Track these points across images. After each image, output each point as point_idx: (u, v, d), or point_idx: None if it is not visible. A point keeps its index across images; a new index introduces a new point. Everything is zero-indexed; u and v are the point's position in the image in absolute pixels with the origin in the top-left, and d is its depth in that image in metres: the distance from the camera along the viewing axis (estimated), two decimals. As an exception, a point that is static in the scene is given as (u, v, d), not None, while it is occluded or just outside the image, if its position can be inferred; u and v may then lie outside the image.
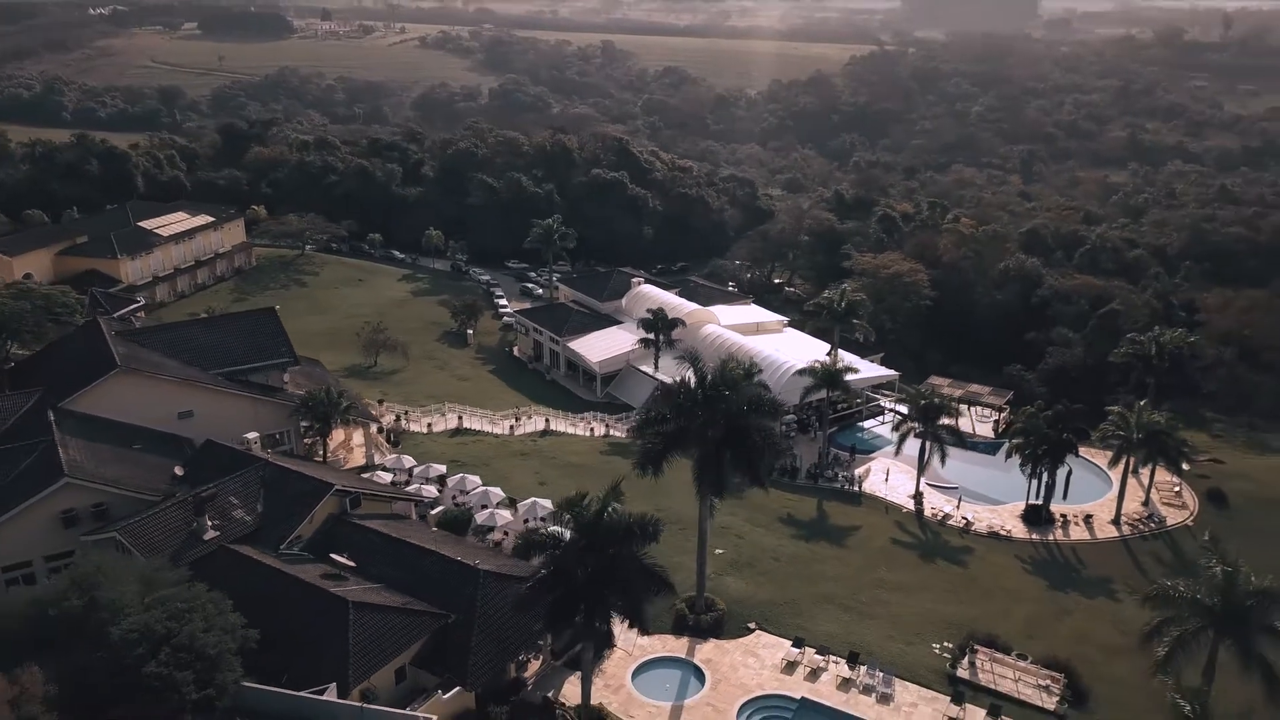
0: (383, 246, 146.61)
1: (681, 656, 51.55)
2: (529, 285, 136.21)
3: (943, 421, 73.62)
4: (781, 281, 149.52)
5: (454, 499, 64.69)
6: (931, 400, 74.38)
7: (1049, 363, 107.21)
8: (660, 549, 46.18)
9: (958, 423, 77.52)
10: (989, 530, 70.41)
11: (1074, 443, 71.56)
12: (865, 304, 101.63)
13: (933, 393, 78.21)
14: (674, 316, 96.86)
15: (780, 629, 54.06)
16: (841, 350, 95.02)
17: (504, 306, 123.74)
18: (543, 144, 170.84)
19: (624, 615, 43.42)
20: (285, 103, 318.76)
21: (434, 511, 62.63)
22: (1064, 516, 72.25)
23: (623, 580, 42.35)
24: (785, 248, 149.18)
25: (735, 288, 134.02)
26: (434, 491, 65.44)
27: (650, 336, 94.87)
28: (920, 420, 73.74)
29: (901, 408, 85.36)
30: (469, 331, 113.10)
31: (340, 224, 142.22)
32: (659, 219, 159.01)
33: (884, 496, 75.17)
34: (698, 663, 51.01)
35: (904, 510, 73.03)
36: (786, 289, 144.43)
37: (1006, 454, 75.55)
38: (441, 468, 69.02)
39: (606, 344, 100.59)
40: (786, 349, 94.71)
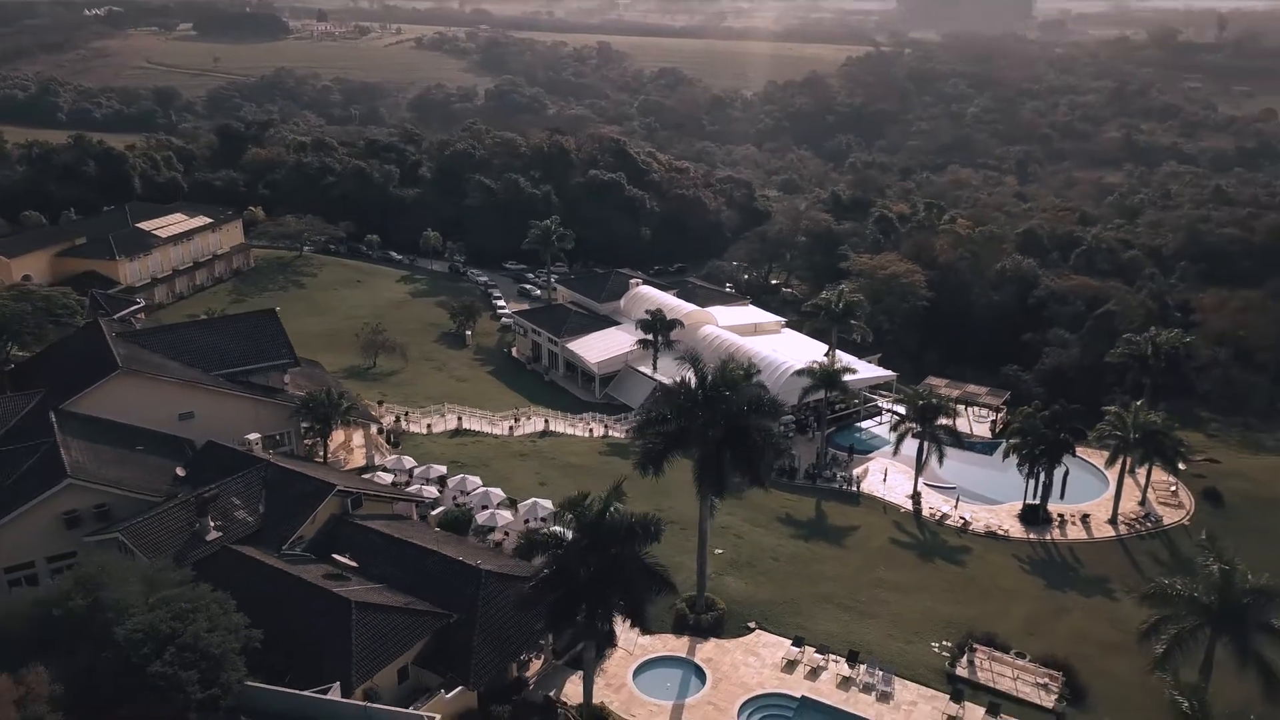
0: (380, 248, 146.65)
1: (682, 656, 51.80)
2: (527, 286, 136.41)
3: (940, 422, 73.89)
4: (779, 282, 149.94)
5: (454, 500, 64.87)
6: (929, 400, 74.77)
7: (1045, 363, 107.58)
8: (660, 549, 46.41)
9: (955, 423, 77.74)
10: (987, 530, 70.74)
11: (1071, 443, 71.97)
12: (863, 305, 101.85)
13: (930, 393, 78.61)
14: (672, 317, 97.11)
15: (780, 628, 54.34)
16: (839, 351, 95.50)
17: (502, 308, 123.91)
18: (540, 145, 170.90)
19: (626, 615, 43.69)
20: (281, 104, 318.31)
21: (435, 512, 62.84)
22: (1061, 516, 72.61)
23: (625, 580, 42.64)
24: (782, 249, 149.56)
25: (733, 289, 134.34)
26: (434, 492, 65.64)
27: (649, 337, 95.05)
28: (918, 420, 74.14)
29: (899, 408, 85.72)
30: (467, 333, 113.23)
31: (338, 225, 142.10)
32: (656, 220, 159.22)
33: (882, 496, 75.49)
34: (698, 662, 51.26)
35: (902, 510, 73.37)
36: (784, 290, 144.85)
37: (1004, 454, 75.76)
38: (442, 468, 69.20)
39: (605, 345, 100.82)
40: (784, 350, 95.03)
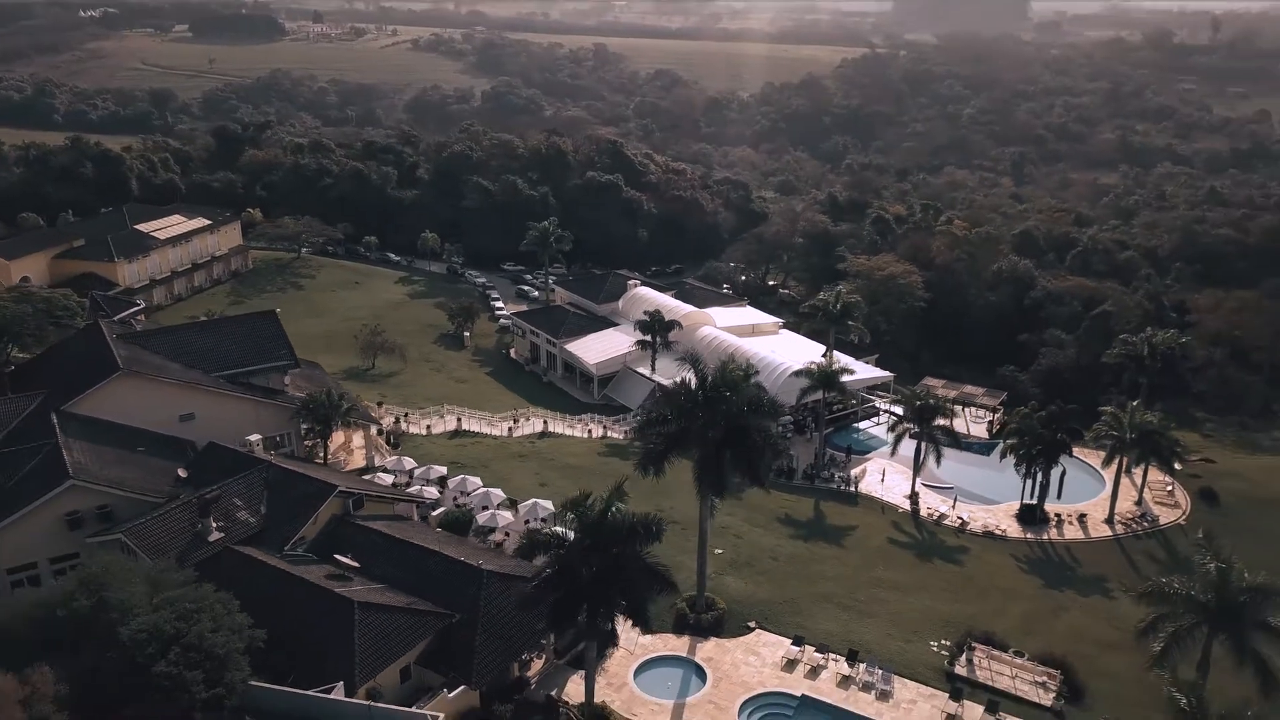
0: (378, 249, 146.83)
1: (683, 655, 52.02)
2: (525, 288, 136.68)
3: (938, 422, 74.25)
4: (776, 283, 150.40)
5: (455, 500, 65.05)
6: (927, 401, 75.14)
7: (1042, 364, 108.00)
8: (661, 548, 46.60)
9: (952, 423, 78.10)
10: (984, 530, 71.14)
11: (1068, 443, 72.38)
12: (860, 306, 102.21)
13: (928, 393, 78.97)
14: (670, 318, 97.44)
15: (780, 627, 54.60)
16: (837, 352, 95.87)
17: (500, 309, 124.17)
18: (538, 147, 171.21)
19: (628, 614, 43.94)
20: (277, 105, 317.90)
21: (435, 513, 62.98)
22: (1058, 516, 73.02)
23: (627, 579, 42.88)
24: (779, 250, 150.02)
25: (730, 290, 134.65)
26: (435, 493, 65.80)
27: (647, 338, 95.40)
28: (916, 421, 74.52)
29: (897, 409, 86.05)
30: (466, 334, 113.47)
31: (336, 227, 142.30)
32: (654, 221, 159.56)
33: (880, 497, 75.84)
34: (699, 661, 51.49)
35: (900, 510, 73.72)
36: (781, 291, 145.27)
37: (1001, 454, 76.28)
38: (442, 469, 69.36)
39: (603, 346, 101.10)
40: (782, 351, 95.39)
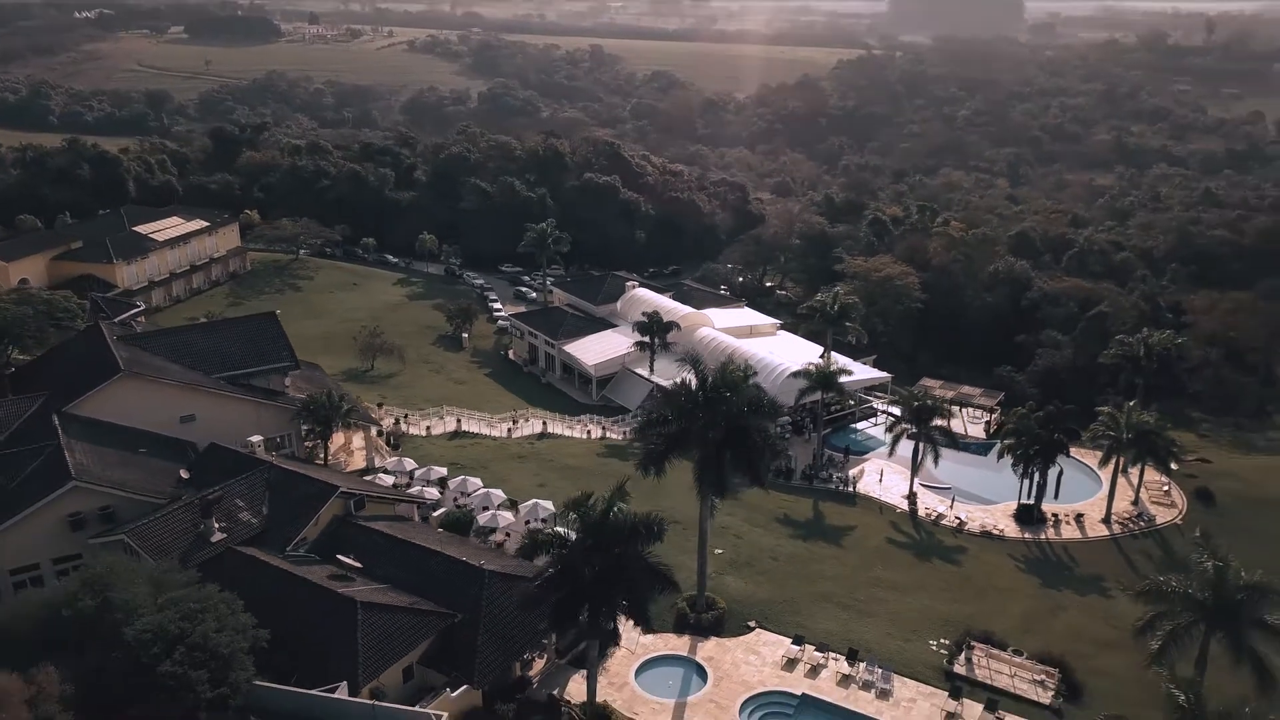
0: (376, 251, 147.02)
1: (684, 654, 52.27)
2: (523, 289, 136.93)
3: (936, 423, 74.55)
4: (773, 285, 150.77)
5: (455, 501, 65.26)
6: (924, 402, 75.46)
7: (1039, 364, 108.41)
8: (661, 548, 46.78)
9: (950, 424, 78.40)
10: (982, 530, 71.48)
11: (1065, 443, 72.79)
12: (858, 307, 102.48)
13: (925, 394, 79.32)
14: (669, 320, 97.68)
15: (780, 627, 54.87)
16: (834, 353, 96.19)
17: (498, 310, 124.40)
18: (535, 148, 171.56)
19: (629, 614, 44.19)
20: (273, 106, 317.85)
21: (436, 513, 63.19)
22: (1055, 516, 73.40)
23: (628, 579, 43.14)
24: (776, 251, 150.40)
25: (727, 291, 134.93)
26: (435, 494, 66.00)
27: (646, 339, 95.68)
28: (914, 421, 74.83)
29: (894, 409, 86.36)
30: (464, 335, 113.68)
31: (334, 228, 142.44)
32: (651, 223, 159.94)
33: (878, 497, 76.15)
34: (700, 660, 51.74)
35: (898, 510, 74.06)
36: (778, 292, 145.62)
37: (998, 454, 76.68)
38: (442, 470, 69.59)
39: (601, 347, 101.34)
40: (780, 351, 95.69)
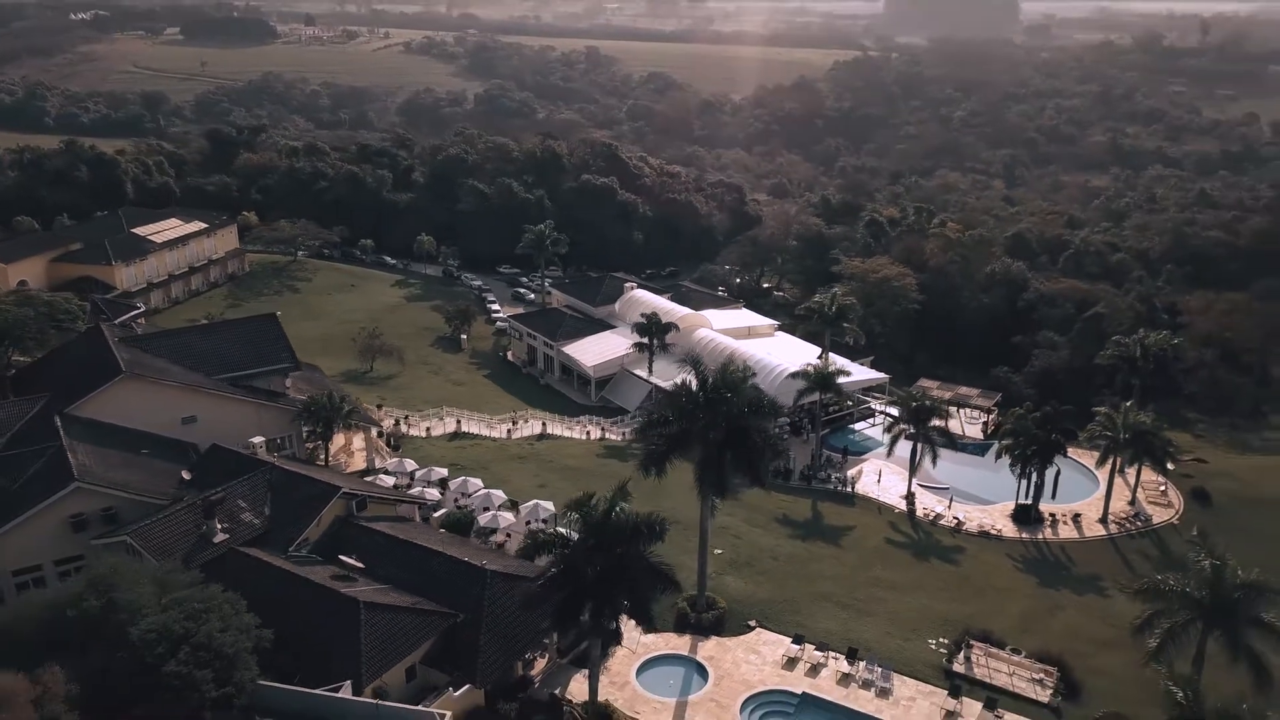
0: (374, 252, 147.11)
1: (684, 654, 52.55)
2: (521, 290, 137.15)
3: (933, 423, 74.86)
4: (770, 286, 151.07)
5: (456, 502, 65.47)
6: (922, 402, 75.80)
7: (1035, 365, 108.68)
8: (661, 548, 47.05)
9: (948, 424, 78.68)
10: (980, 529, 71.82)
11: (1062, 443, 73.08)
12: (855, 308, 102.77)
13: (923, 395, 79.64)
14: (667, 321, 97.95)
15: (780, 626, 55.17)
16: (832, 354, 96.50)
17: (497, 312, 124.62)
18: (533, 150, 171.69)
19: (631, 613, 44.47)
20: (269, 108, 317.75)
21: (437, 514, 63.43)
22: (1053, 516, 73.76)
23: (631, 579, 43.42)
24: (773, 252, 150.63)
25: (725, 292, 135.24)
26: (436, 494, 66.23)
27: (644, 340, 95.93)
28: (911, 422, 75.15)
29: (892, 410, 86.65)
30: (463, 336, 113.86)
31: (331, 230, 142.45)
32: (649, 224, 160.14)
33: (876, 497, 76.50)
34: (700, 660, 52.03)
35: (896, 510, 74.40)
36: (775, 293, 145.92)
37: (996, 455, 77.04)
38: (443, 471, 69.82)
39: (600, 348, 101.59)
40: (778, 352, 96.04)
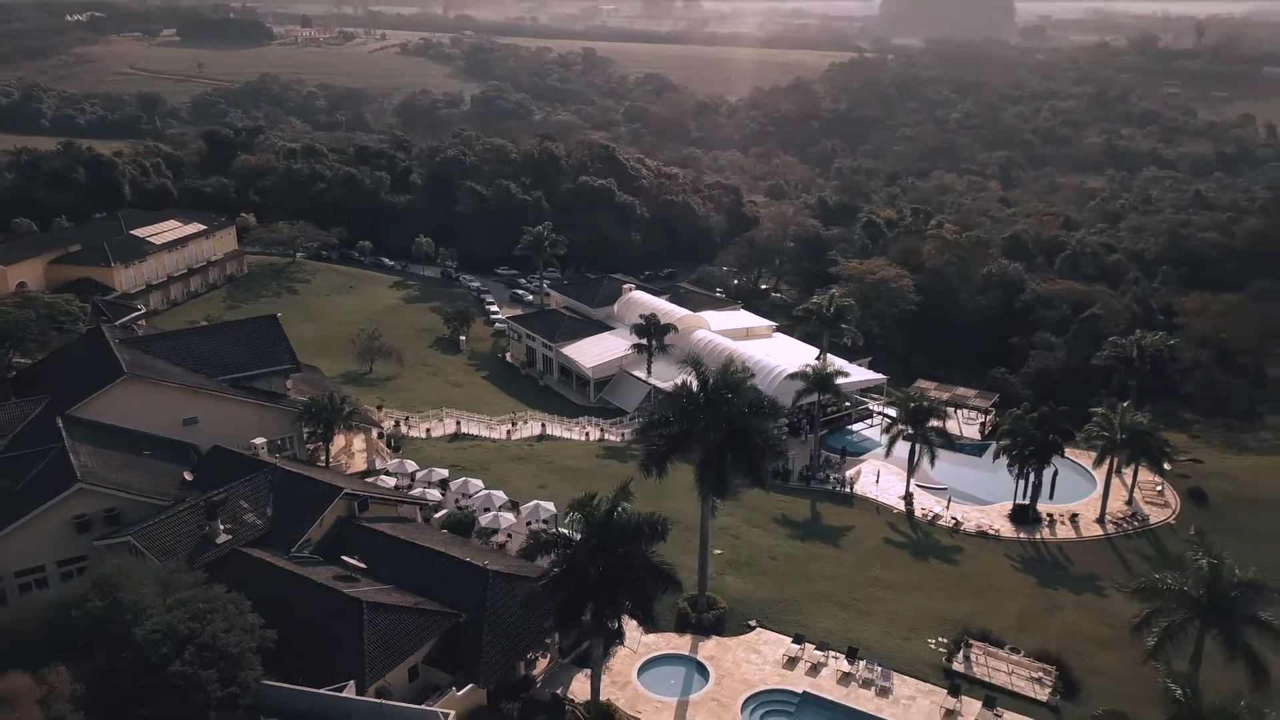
0: (372, 254, 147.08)
1: (685, 654, 52.86)
2: (519, 292, 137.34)
3: (931, 424, 75.18)
4: (768, 287, 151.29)
5: (457, 503, 65.69)
6: (920, 403, 76.11)
7: (1032, 366, 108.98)
8: (662, 549, 47.32)
9: (945, 425, 78.95)
10: (978, 530, 72.18)
11: (1060, 444, 73.44)
12: (853, 309, 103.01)
13: (921, 396, 79.92)
14: (666, 322, 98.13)
15: (780, 626, 55.51)
16: (830, 355, 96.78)
17: (495, 313, 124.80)
18: (530, 151, 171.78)
19: (634, 613, 44.74)
20: (266, 109, 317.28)
21: (438, 515, 63.66)
22: (1050, 516, 74.13)
23: (633, 578, 43.68)
24: (771, 254, 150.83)
25: (723, 293, 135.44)
26: (437, 495, 66.45)
27: (643, 342, 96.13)
28: (909, 423, 75.45)
29: (890, 411, 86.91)
30: (461, 338, 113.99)
31: (330, 231, 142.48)
32: (646, 225, 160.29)
33: (875, 497, 76.83)
34: (701, 659, 52.34)
35: (895, 511, 74.73)
36: (773, 295, 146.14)
37: (994, 455, 77.38)
38: (443, 472, 70.04)
39: (599, 349, 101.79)
40: (776, 354, 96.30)
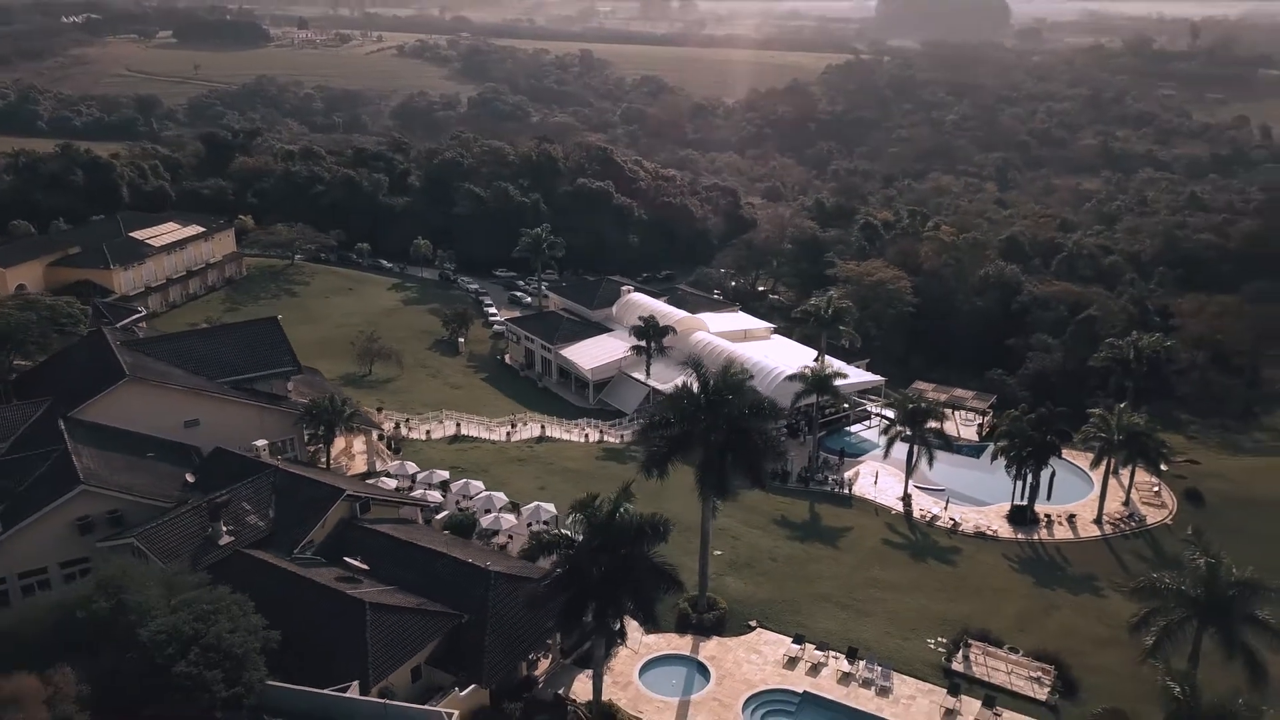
0: (371, 256, 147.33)
1: (686, 654, 53.14)
2: (518, 294, 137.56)
3: (929, 425, 75.49)
4: (766, 289, 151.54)
5: (458, 504, 65.93)
6: (918, 405, 76.40)
7: (1029, 367, 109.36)
8: (663, 549, 47.52)
9: (943, 426, 79.22)
10: (976, 530, 72.48)
11: (1057, 445, 73.73)
12: (851, 311, 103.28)
13: (919, 397, 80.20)
14: (665, 324, 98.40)
15: (780, 626, 55.81)
16: (828, 356, 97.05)
17: (494, 315, 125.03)
18: (528, 153, 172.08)
19: (635, 614, 44.98)
20: (263, 111, 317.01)
21: (439, 516, 63.90)
22: (1048, 516, 74.46)
23: (635, 579, 43.93)
24: (768, 256, 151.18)
25: (720, 295, 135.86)
26: (438, 497, 66.71)
27: (642, 344, 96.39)
28: (908, 424, 75.74)
29: (888, 412, 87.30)
30: (460, 340, 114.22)
31: (328, 234, 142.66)
32: (644, 227, 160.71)
33: (873, 499, 77.15)
34: (702, 660, 52.62)
35: (893, 512, 75.04)
36: (771, 296, 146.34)
37: (992, 456, 77.66)
38: (444, 473, 70.32)
39: (598, 351, 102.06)
40: (775, 355, 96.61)
